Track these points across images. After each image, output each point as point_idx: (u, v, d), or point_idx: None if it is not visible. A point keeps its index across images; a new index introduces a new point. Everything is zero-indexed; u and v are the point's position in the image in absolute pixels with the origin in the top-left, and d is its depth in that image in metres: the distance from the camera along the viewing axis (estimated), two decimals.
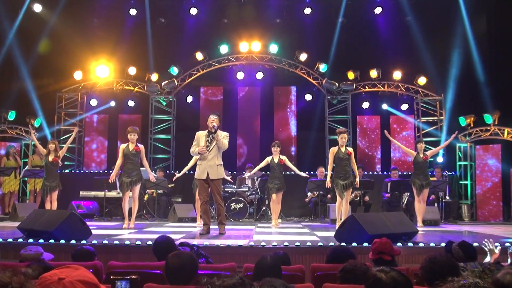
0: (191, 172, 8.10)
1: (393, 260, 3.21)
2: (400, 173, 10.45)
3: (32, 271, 2.64)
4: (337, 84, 11.74)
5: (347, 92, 11.97)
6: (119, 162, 7.68)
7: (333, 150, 7.73)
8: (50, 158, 8.50)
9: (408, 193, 9.37)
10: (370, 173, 11.41)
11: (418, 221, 8.25)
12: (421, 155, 8.45)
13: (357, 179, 7.60)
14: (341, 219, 7.21)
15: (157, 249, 3.54)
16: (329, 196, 10.01)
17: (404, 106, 12.08)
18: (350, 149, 7.73)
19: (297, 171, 8.70)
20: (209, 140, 6.56)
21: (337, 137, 7.74)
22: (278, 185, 8.51)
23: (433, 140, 11.66)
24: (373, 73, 11.79)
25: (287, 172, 9.55)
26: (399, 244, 4.93)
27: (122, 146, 7.65)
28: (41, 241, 5.00)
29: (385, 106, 12.12)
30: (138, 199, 7.78)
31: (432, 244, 4.97)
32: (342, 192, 7.49)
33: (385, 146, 12.29)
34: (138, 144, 7.66)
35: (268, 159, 8.63)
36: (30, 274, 2.49)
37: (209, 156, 6.52)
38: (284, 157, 8.63)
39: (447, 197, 10.13)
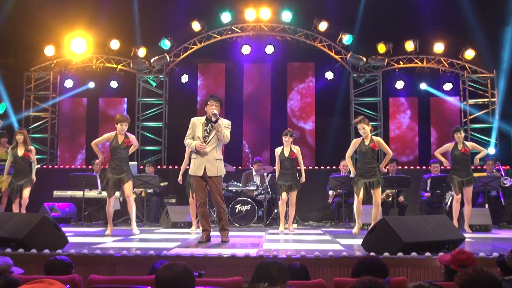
0: (187, 166, 8.10)
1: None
2: (442, 167, 10.39)
3: None
4: (364, 59, 11.69)
5: (377, 68, 11.93)
6: (102, 156, 7.74)
7: (356, 141, 7.82)
8: (20, 152, 8.57)
9: (453, 192, 9.32)
10: (406, 168, 11.37)
11: (465, 226, 8.27)
12: (460, 147, 8.39)
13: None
14: (370, 225, 7.22)
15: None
16: None
17: (448, 86, 12.00)
18: (378, 139, 7.81)
19: (302, 170, 8.55)
20: (208, 130, 6.56)
21: None
22: (290, 182, 8.46)
23: (482, 126, 11.56)
24: (409, 46, 11.71)
25: (304, 167, 9.51)
26: (441, 253, 4.94)
27: (108, 137, 7.68)
28: (8, 250, 5.06)
29: (423, 86, 12.06)
30: (131, 199, 7.77)
31: (481, 254, 4.95)
32: (360, 191, 7.57)
33: (424, 134, 12.23)
34: (128, 135, 7.71)
35: (278, 150, 8.60)
36: None
37: (207, 148, 6.53)
38: (297, 149, 8.58)
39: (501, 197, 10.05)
